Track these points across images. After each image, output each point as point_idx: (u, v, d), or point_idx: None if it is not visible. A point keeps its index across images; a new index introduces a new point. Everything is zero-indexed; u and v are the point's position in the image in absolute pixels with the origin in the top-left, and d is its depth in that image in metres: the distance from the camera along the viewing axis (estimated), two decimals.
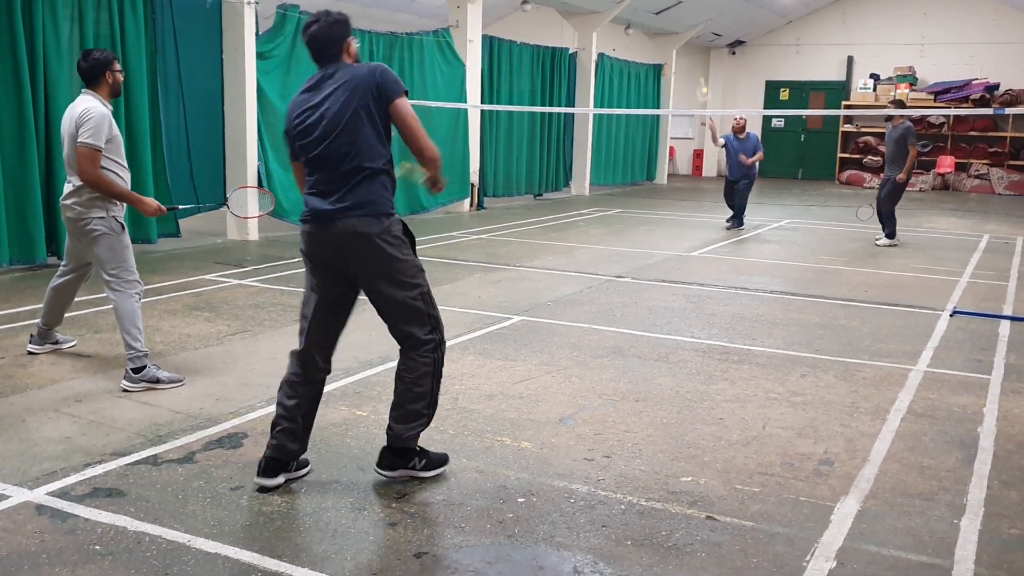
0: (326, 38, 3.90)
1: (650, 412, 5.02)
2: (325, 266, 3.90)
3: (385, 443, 4.00)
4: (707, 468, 4.24)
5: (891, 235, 12.14)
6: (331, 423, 4.68)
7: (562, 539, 3.50)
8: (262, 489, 3.86)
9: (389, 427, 3.97)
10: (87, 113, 5.13)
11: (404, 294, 3.84)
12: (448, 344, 6.34)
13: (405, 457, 3.97)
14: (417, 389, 3.91)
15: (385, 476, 3.98)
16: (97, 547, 3.33)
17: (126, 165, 5.39)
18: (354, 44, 3.99)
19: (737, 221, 13.61)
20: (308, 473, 4.04)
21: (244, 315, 7.12)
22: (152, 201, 5.47)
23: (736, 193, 13.58)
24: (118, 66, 5.35)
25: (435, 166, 3.88)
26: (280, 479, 3.90)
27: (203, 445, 4.37)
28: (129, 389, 5.17)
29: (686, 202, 18.17)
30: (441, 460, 4.10)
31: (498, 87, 16.41)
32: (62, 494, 3.77)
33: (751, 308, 7.86)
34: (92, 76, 5.27)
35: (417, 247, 3.97)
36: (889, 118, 12.21)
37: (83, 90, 5.30)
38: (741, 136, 13.54)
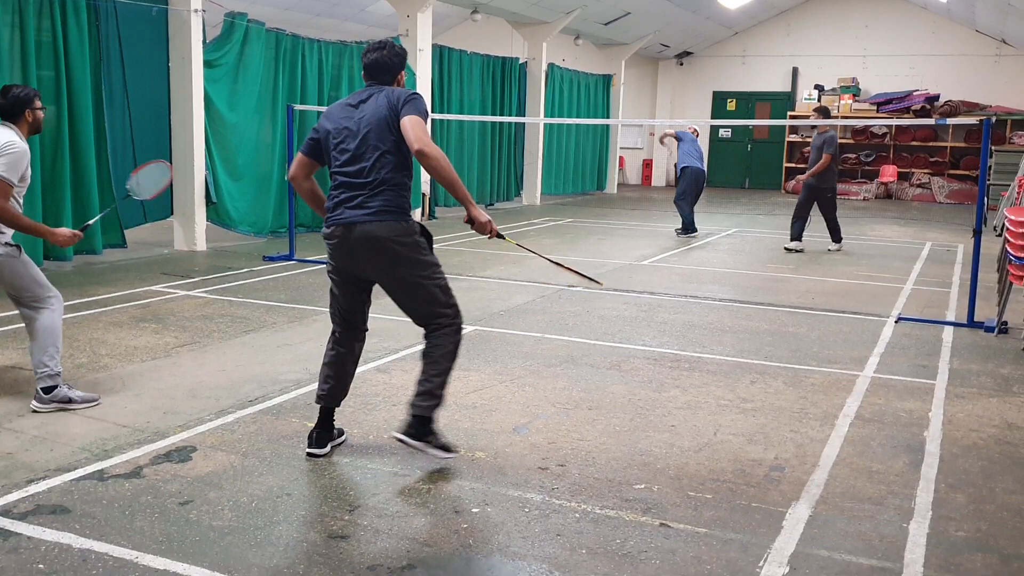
0: (385, 67, 4.31)
1: (603, 420, 5.03)
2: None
3: (411, 414, 4.24)
4: (660, 475, 4.27)
5: (794, 237, 12.37)
6: (282, 435, 4.63)
7: (517, 549, 3.49)
8: (312, 456, 4.33)
9: (417, 399, 4.23)
10: (10, 146, 4.79)
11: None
12: (400, 355, 6.34)
13: (424, 429, 4.23)
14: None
15: (406, 443, 4.24)
16: (41, 566, 3.25)
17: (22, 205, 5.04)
18: (404, 77, 4.41)
19: (690, 228, 13.77)
20: (345, 440, 4.52)
21: (192, 327, 7.01)
22: (63, 230, 5.15)
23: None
24: (39, 103, 5.07)
25: (439, 173, 4.00)
26: (327, 449, 4.37)
27: (151, 459, 4.29)
28: (39, 410, 4.94)
29: (636, 211, 18.30)
30: (449, 447, 4.32)
31: (448, 96, 16.41)
32: (4, 512, 3.68)
33: (701, 316, 7.93)
34: (12, 114, 4.97)
35: None
36: (815, 126, 12.41)
37: (3, 123, 4.96)
38: (693, 136, 14.14)
